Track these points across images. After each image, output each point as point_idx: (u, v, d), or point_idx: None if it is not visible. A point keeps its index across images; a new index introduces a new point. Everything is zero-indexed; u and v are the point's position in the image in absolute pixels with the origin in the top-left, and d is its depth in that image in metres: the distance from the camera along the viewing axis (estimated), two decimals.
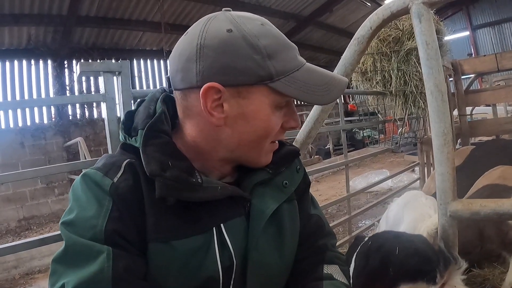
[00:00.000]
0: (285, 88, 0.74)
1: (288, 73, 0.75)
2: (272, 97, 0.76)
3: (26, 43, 7.82)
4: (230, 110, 0.75)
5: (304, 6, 11.35)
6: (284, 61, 0.75)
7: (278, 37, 0.77)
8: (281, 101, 0.78)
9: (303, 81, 0.76)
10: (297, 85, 0.75)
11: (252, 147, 0.81)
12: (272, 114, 0.78)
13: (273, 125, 0.80)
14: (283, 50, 0.76)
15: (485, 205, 1.06)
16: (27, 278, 4.13)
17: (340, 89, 0.81)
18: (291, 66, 0.76)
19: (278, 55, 0.74)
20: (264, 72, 0.72)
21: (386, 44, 3.02)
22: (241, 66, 0.72)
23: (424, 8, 1.11)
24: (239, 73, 0.72)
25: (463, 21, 15.52)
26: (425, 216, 1.60)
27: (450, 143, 1.12)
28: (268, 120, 0.78)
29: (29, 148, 7.52)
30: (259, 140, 0.80)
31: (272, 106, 0.77)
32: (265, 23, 0.77)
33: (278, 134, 0.83)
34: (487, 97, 3.76)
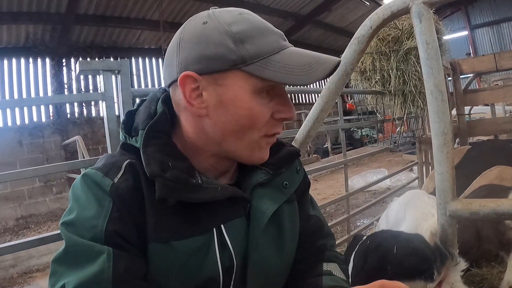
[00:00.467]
0: (260, 71, 0.72)
1: (265, 56, 0.73)
2: (250, 82, 0.74)
3: (24, 42, 7.81)
4: (209, 98, 0.75)
5: (303, 5, 11.36)
6: (259, 44, 0.73)
7: (254, 23, 0.75)
8: (261, 86, 0.75)
9: (282, 63, 0.73)
10: (274, 67, 0.73)
11: (237, 138, 0.78)
12: (253, 101, 0.75)
13: (257, 114, 0.76)
14: (260, 34, 0.74)
15: (485, 205, 1.06)
16: (25, 277, 4.11)
17: (325, 68, 0.75)
18: (269, 49, 0.74)
19: (252, 39, 0.73)
20: (235, 56, 0.72)
21: (386, 43, 3.02)
22: (213, 53, 0.73)
23: (424, 8, 1.11)
24: (211, 60, 0.73)
25: (462, 21, 15.54)
26: (428, 215, 1.60)
27: (449, 143, 1.12)
28: (249, 107, 0.75)
29: (27, 147, 7.51)
30: (243, 130, 0.77)
31: (251, 92, 0.75)
32: (244, 12, 0.78)
33: (270, 126, 0.79)
34: (485, 96, 3.77)
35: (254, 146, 0.80)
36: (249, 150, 0.80)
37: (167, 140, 0.79)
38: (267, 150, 0.84)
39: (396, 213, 1.83)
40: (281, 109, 0.79)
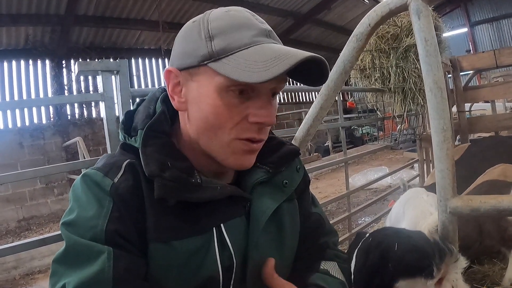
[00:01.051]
0: (222, 67, 0.70)
1: (231, 52, 0.71)
2: (217, 80, 0.71)
3: (24, 43, 7.81)
4: (186, 93, 0.77)
5: (302, 4, 11.34)
6: (229, 40, 0.71)
7: (234, 19, 0.74)
8: (228, 84, 0.71)
9: (244, 59, 0.69)
10: (235, 64, 0.69)
11: (208, 137, 0.76)
12: (219, 99, 0.72)
13: (223, 113, 0.72)
14: (233, 30, 0.72)
15: (485, 202, 1.06)
16: (27, 278, 4.12)
17: (286, 64, 0.67)
18: (237, 45, 0.71)
19: (223, 35, 0.72)
20: (203, 51, 0.72)
21: (385, 41, 3.02)
22: (188, 49, 0.75)
23: (422, 5, 1.11)
24: (186, 55, 0.75)
25: (461, 18, 15.53)
26: (426, 213, 1.60)
27: (449, 140, 1.12)
28: (215, 105, 0.72)
29: (28, 148, 7.51)
30: (211, 129, 0.74)
31: (218, 89, 0.72)
32: (232, 10, 0.77)
33: (243, 130, 0.74)
34: (485, 93, 3.76)
35: (227, 149, 0.76)
36: (223, 153, 0.76)
37: (166, 140, 0.79)
38: (248, 156, 0.78)
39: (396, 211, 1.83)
40: (256, 112, 0.73)
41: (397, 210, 1.84)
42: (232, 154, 0.76)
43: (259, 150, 0.80)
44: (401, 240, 1.13)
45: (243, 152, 0.77)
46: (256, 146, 0.78)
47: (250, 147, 0.76)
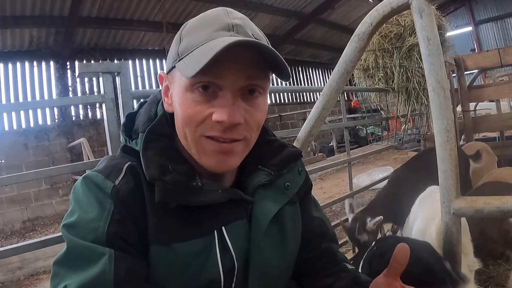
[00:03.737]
0: (179, 65, 0.72)
1: (191, 51, 0.71)
2: (183, 79, 0.72)
3: (28, 45, 7.84)
4: (171, 95, 0.79)
5: (306, 4, 11.32)
6: (191, 39, 0.72)
7: (204, 18, 0.75)
8: (190, 83, 0.71)
9: (194, 54, 0.69)
10: (187, 61, 0.70)
11: (183, 136, 0.76)
12: (184, 98, 0.72)
13: (189, 110, 0.72)
14: (198, 29, 0.72)
15: (489, 203, 1.05)
16: (32, 279, 4.13)
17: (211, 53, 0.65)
18: (196, 42, 0.71)
19: (188, 35, 0.73)
20: (174, 53, 0.75)
21: (388, 40, 3.01)
22: (170, 53, 0.78)
23: (425, 3, 1.10)
24: (169, 60, 0.77)
25: (466, 17, 15.44)
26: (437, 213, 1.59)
27: (452, 140, 1.11)
28: (184, 103, 0.72)
29: (32, 150, 7.55)
30: (182, 127, 0.75)
31: (186, 88, 0.72)
32: (212, 10, 0.77)
33: (208, 128, 0.72)
34: (490, 92, 3.75)
35: (198, 148, 0.75)
36: (196, 152, 0.75)
37: (167, 143, 0.78)
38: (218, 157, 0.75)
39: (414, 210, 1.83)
40: (218, 110, 0.71)
41: (414, 209, 1.83)
42: (204, 154, 0.75)
43: (237, 151, 0.76)
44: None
45: (214, 153, 0.74)
46: (227, 146, 0.74)
47: (218, 147, 0.73)
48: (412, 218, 1.83)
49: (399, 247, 0.73)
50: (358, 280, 0.88)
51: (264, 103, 0.77)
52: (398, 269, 0.72)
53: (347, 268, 0.94)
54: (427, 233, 1.55)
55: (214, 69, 0.67)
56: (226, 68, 0.69)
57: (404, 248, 0.72)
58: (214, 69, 0.67)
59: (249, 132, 0.76)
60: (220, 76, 0.69)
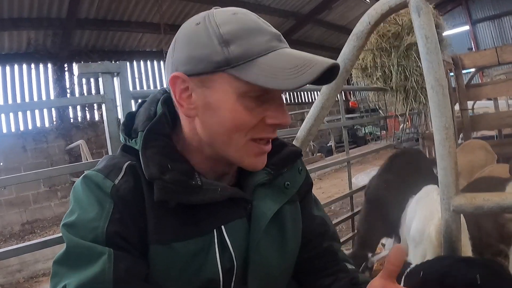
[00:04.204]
0: (244, 73, 0.69)
1: (251, 58, 0.70)
2: (236, 85, 0.71)
3: (26, 47, 7.85)
4: (197, 100, 0.74)
5: (304, 4, 11.35)
6: (246, 45, 0.71)
7: (245, 23, 0.73)
8: (247, 90, 0.71)
9: (268, 66, 0.69)
10: (259, 70, 0.69)
11: (225, 142, 0.75)
12: (239, 105, 0.72)
13: (243, 117, 0.73)
14: (248, 35, 0.71)
15: (489, 199, 1.06)
16: (31, 281, 4.13)
17: (314, 71, 0.68)
18: (256, 50, 0.71)
19: (239, 40, 0.70)
20: (220, 57, 0.70)
21: (386, 39, 3.01)
22: (199, 54, 0.72)
23: (422, 2, 1.10)
24: (198, 61, 0.72)
25: (463, 16, 15.47)
26: (435, 213, 1.59)
27: (451, 137, 1.12)
28: (235, 110, 0.72)
29: (31, 152, 7.55)
30: (229, 133, 0.74)
31: (238, 95, 0.72)
32: (240, 12, 0.76)
33: (258, 130, 0.75)
34: (488, 91, 3.76)
35: (242, 151, 0.76)
36: (239, 155, 0.77)
37: (167, 142, 0.78)
38: (261, 157, 0.79)
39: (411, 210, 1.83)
40: (273, 114, 0.74)
41: (411, 208, 1.84)
42: (247, 156, 0.77)
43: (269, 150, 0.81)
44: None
45: (258, 154, 0.78)
46: (268, 147, 0.79)
47: (262, 149, 0.78)
48: (409, 218, 1.84)
49: (394, 249, 0.71)
50: (356, 281, 0.87)
51: None
52: (393, 271, 0.70)
53: (346, 268, 0.94)
54: (426, 233, 1.55)
55: None
56: None
57: (399, 250, 0.70)
58: None
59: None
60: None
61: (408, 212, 1.87)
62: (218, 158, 0.79)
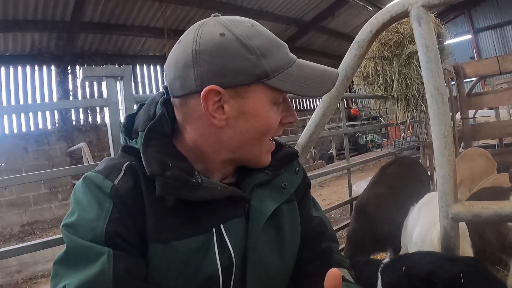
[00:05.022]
0: (281, 84, 0.78)
1: (283, 70, 0.78)
2: (270, 94, 0.79)
3: (30, 49, 7.88)
4: (230, 110, 0.77)
5: (306, 11, 11.39)
6: (277, 58, 0.78)
7: (268, 37, 0.80)
8: (278, 97, 0.81)
9: (297, 76, 0.79)
10: (292, 80, 0.79)
11: (254, 144, 0.83)
12: (270, 111, 0.81)
13: (273, 121, 0.82)
14: (275, 48, 0.79)
15: (487, 207, 1.07)
16: (30, 282, 4.12)
17: (332, 81, 0.84)
18: (284, 62, 0.79)
19: (271, 54, 0.77)
20: (259, 70, 0.75)
21: (388, 48, 3.02)
22: (237, 67, 0.74)
23: (423, 11, 1.11)
24: (236, 74, 0.74)
25: (465, 25, 15.51)
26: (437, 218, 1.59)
27: (450, 146, 1.13)
28: (268, 116, 0.81)
29: (32, 153, 7.56)
30: (260, 137, 0.82)
31: (270, 102, 0.81)
32: (254, 24, 0.80)
33: (278, 130, 0.86)
34: (489, 100, 3.77)
35: (263, 150, 0.86)
36: (259, 155, 0.86)
37: (167, 141, 0.80)
38: (270, 154, 0.89)
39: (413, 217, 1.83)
40: (286, 114, 0.86)
41: (414, 215, 1.84)
42: (265, 154, 0.87)
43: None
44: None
45: (268, 151, 0.88)
46: (274, 143, 0.91)
47: (272, 146, 0.90)
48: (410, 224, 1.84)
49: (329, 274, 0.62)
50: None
51: None
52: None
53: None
54: (428, 238, 1.55)
55: None
56: None
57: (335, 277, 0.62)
58: None
59: None
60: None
61: (410, 219, 1.87)
62: (235, 161, 0.86)
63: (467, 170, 2.75)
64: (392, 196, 2.25)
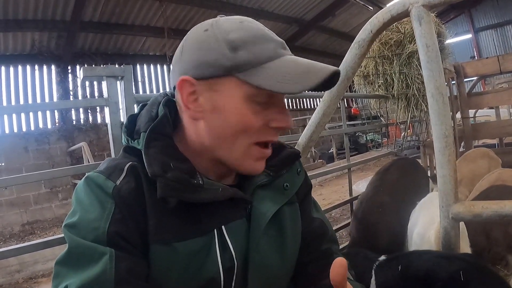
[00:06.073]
0: (253, 78, 0.73)
1: (260, 64, 0.74)
2: (244, 89, 0.75)
3: (30, 49, 7.88)
4: (205, 103, 0.77)
5: (307, 11, 11.39)
6: (254, 52, 0.74)
7: (253, 31, 0.77)
8: (255, 94, 0.75)
9: (275, 71, 0.74)
10: (267, 75, 0.73)
11: (228, 145, 0.78)
12: (246, 108, 0.76)
13: (250, 120, 0.76)
14: (256, 42, 0.75)
15: (487, 207, 1.07)
16: (30, 282, 4.12)
17: (318, 77, 0.73)
18: (264, 57, 0.75)
19: (248, 47, 0.74)
20: (230, 63, 0.73)
21: (388, 47, 3.02)
22: (209, 59, 0.75)
23: (424, 11, 1.11)
24: (207, 65, 0.75)
25: (466, 24, 15.50)
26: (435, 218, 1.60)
27: (451, 146, 1.13)
28: (242, 113, 0.76)
29: (33, 153, 7.56)
30: (235, 135, 0.77)
31: (245, 99, 0.75)
32: (246, 20, 0.79)
33: (262, 133, 0.78)
34: (490, 99, 3.76)
35: (245, 154, 0.79)
36: (240, 157, 0.79)
37: (169, 142, 0.80)
38: (261, 162, 0.83)
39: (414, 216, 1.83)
40: (276, 117, 0.78)
41: (414, 214, 1.84)
42: (248, 159, 0.80)
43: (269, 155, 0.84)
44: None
45: (257, 158, 0.81)
46: (269, 152, 0.83)
47: (264, 153, 0.81)
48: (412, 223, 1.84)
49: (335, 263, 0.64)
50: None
51: None
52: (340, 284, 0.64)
53: None
54: (426, 238, 1.56)
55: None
56: None
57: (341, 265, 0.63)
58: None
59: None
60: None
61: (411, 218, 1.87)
62: (220, 162, 0.81)
63: (468, 171, 2.75)
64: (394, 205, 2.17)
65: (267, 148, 0.82)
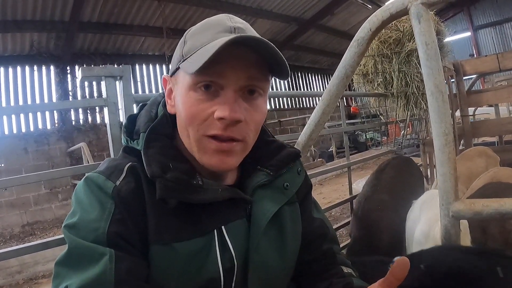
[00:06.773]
0: (183, 64, 0.76)
1: (195, 51, 0.74)
2: (187, 78, 0.75)
3: (29, 49, 7.86)
4: (174, 97, 0.82)
5: (306, 9, 11.37)
6: (195, 40, 0.76)
7: (207, 22, 0.79)
8: (194, 82, 0.74)
9: (197, 54, 0.73)
10: (191, 59, 0.74)
11: (185, 137, 0.78)
12: (187, 97, 0.75)
13: (192, 110, 0.74)
14: (202, 30, 0.77)
15: (488, 205, 1.06)
16: (31, 283, 4.12)
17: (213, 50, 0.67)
18: (200, 43, 0.74)
19: (192, 37, 0.77)
20: (178, 54, 0.79)
21: (387, 45, 3.02)
22: (175, 56, 0.81)
23: (423, 9, 1.11)
24: (174, 62, 0.81)
25: (465, 22, 15.49)
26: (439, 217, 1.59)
27: (451, 143, 1.12)
28: (186, 102, 0.75)
29: (32, 154, 7.55)
30: (185, 128, 0.77)
31: (189, 88, 0.75)
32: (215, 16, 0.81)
33: (209, 127, 0.75)
34: (489, 97, 3.76)
35: (199, 147, 0.77)
36: (197, 151, 0.77)
37: (168, 142, 0.80)
38: (219, 156, 0.76)
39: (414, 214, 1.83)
40: (220, 107, 0.73)
41: (414, 213, 1.83)
42: (204, 153, 0.77)
43: (236, 151, 0.78)
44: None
45: (213, 152, 0.76)
46: (226, 146, 0.76)
47: (219, 146, 0.75)
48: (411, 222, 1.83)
49: (399, 260, 0.65)
50: (351, 286, 0.87)
51: (264, 104, 0.81)
52: (394, 283, 0.65)
53: (342, 272, 0.93)
54: (431, 235, 1.55)
55: (217, 69, 0.71)
56: (227, 68, 0.72)
57: (404, 263, 0.64)
58: (217, 69, 0.71)
59: (247, 133, 0.78)
60: (222, 75, 0.72)
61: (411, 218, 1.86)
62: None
63: (465, 169, 2.75)
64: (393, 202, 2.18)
65: (223, 142, 0.76)
